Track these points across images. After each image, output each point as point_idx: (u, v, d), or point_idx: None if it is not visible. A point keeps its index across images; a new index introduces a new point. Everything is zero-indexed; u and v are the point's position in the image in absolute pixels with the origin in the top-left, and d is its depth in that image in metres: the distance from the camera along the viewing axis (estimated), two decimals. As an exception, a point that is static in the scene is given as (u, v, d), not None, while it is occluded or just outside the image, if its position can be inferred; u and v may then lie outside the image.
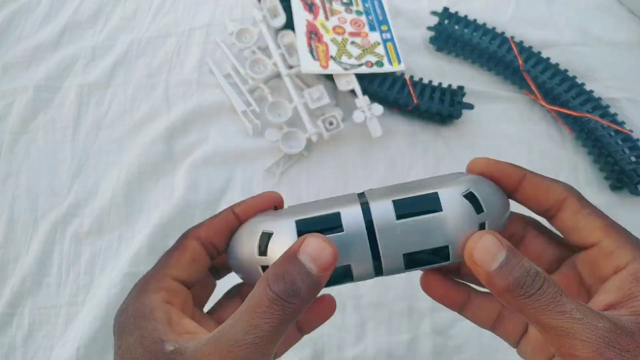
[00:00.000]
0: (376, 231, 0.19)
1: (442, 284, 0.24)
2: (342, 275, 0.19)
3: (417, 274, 0.41)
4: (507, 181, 0.22)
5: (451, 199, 0.19)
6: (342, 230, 0.19)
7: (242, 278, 0.23)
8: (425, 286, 0.24)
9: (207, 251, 0.22)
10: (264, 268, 0.20)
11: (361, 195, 0.21)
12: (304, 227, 0.19)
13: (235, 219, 0.22)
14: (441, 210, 0.19)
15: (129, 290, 0.40)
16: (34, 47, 0.52)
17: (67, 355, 0.38)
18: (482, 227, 0.20)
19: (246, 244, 0.21)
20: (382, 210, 0.19)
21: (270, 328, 0.17)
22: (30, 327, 0.40)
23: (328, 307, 0.25)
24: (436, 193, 0.19)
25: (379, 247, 0.19)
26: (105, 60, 0.52)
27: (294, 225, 0.19)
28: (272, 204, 0.23)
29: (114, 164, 0.46)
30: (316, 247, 0.18)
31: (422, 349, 0.39)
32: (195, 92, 0.50)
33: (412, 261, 0.20)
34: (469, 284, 0.25)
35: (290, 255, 0.18)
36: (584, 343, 0.16)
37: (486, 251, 0.18)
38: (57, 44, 0.53)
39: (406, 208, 0.19)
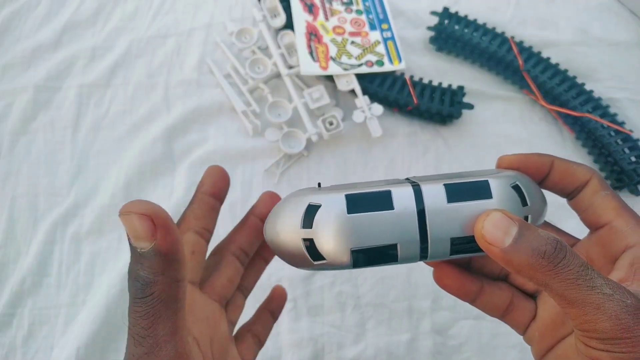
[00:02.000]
0: (426, 212, 0.19)
1: (456, 276, 0.23)
2: (388, 255, 0.19)
3: (417, 274, 0.41)
4: (537, 172, 0.22)
5: (501, 188, 0.19)
6: (392, 209, 0.19)
7: (277, 252, 0.21)
8: (439, 279, 0.24)
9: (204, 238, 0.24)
10: (306, 241, 0.19)
11: (407, 180, 0.21)
12: (354, 203, 0.19)
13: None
14: (491, 197, 0.19)
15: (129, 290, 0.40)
16: (33, 47, 0.52)
17: (67, 356, 0.38)
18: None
19: (289, 215, 0.20)
20: (434, 192, 0.19)
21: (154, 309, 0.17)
22: (30, 328, 0.40)
23: (279, 289, 0.30)
24: (487, 181, 0.19)
25: (428, 228, 0.19)
26: (105, 61, 0.52)
27: (344, 199, 0.19)
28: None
29: (113, 164, 0.46)
30: (132, 224, 0.17)
31: (422, 348, 0.39)
32: (195, 92, 0.50)
33: (458, 247, 0.19)
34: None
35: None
36: (613, 318, 0.16)
37: (496, 227, 0.17)
38: (57, 44, 0.53)
39: (457, 192, 0.19)
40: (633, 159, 0.43)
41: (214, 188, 0.25)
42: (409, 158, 0.47)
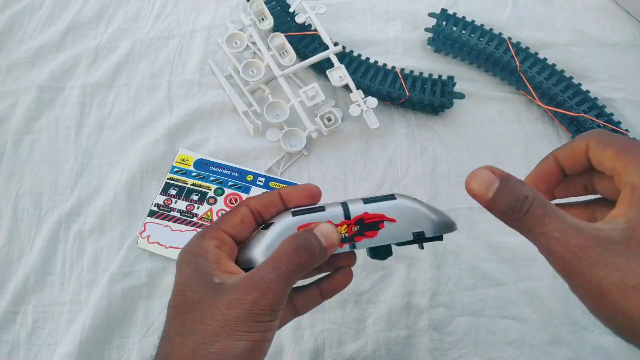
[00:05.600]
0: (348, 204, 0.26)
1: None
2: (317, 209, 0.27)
3: (416, 272, 0.41)
4: (555, 177, 0.26)
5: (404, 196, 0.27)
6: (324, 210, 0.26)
7: None
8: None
9: (254, 218, 0.27)
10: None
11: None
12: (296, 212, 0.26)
13: (280, 199, 0.27)
14: (395, 198, 0.26)
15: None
16: (37, 48, 0.53)
17: (69, 352, 0.38)
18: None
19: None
20: (356, 202, 0.26)
21: (287, 271, 0.23)
22: (33, 325, 0.41)
23: (346, 277, 0.30)
24: (393, 194, 0.26)
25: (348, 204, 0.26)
26: (108, 61, 0.52)
27: (290, 213, 0.26)
28: (312, 194, 0.28)
29: (116, 164, 0.47)
30: (327, 229, 0.25)
31: (420, 345, 0.39)
32: (197, 93, 0.50)
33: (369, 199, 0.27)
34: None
35: (309, 228, 0.25)
36: (558, 260, 0.19)
37: (482, 183, 0.21)
38: (60, 45, 0.53)
39: (371, 199, 0.26)
40: (628, 158, 0.44)
41: (289, 195, 0.28)
42: (407, 157, 0.47)
